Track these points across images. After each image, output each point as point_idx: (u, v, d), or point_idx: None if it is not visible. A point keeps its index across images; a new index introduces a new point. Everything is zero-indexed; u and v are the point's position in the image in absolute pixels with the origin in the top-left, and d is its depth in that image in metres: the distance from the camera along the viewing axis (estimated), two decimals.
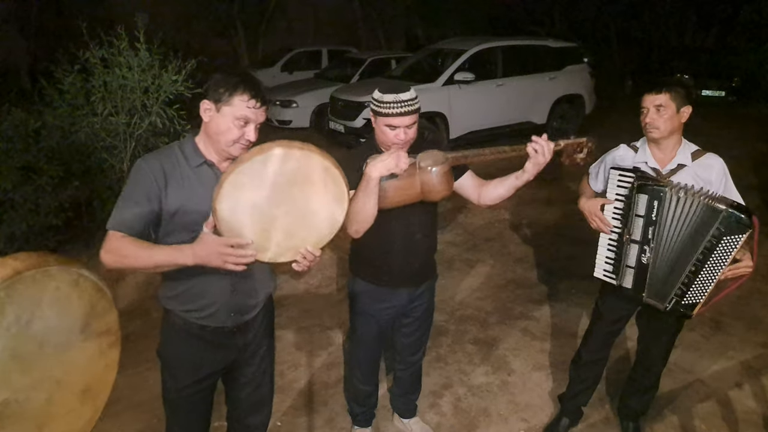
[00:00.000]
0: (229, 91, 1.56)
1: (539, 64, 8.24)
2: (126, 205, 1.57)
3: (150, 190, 1.57)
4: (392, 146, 1.93)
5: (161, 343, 1.83)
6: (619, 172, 2.14)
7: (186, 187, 1.62)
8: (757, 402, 2.82)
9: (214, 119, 1.60)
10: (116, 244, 1.52)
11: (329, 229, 1.57)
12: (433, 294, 2.39)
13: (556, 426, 2.63)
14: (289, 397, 2.94)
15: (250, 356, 1.90)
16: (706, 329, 3.45)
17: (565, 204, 5.79)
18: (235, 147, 1.61)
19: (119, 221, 1.55)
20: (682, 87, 2.12)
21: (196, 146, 1.67)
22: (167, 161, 1.63)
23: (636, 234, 2.09)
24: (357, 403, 2.56)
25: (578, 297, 3.91)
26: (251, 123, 1.59)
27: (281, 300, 3.93)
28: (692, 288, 2.02)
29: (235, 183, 1.41)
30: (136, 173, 1.60)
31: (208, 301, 1.71)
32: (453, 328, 3.58)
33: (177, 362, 1.80)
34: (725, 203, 1.92)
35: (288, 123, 9.47)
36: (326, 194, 1.52)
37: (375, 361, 2.43)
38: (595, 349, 2.48)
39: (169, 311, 1.77)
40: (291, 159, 1.44)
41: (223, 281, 1.71)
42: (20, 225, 3.95)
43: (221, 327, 1.77)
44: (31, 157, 4.07)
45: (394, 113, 1.87)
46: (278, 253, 1.54)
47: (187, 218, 1.61)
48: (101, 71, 4.40)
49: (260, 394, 2.00)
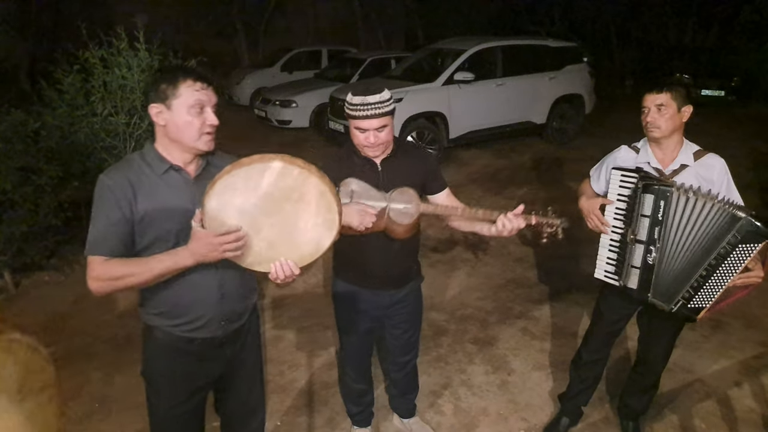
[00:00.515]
0: (171, 84, 1.52)
1: (539, 63, 8.24)
2: (100, 226, 1.51)
3: (121, 206, 1.51)
4: (364, 149, 1.92)
5: (145, 364, 1.75)
6: (621, 173, 2.14)
7: (156, 195, 1.56)
8: (757, 401, 2.82)
9: (169, 120, 1.54)
10: (103, 270, 1.47)
11: (312, 251, 1.54)
12: (420, 295, 2.37)
13: (556, 425, 2.63)
14: (290, 397, 2.94)
15: (239, 366, 1.86)
16: (706, 329, 3.45)
17: (566, 204, 5.77)
18: (202, 139, 1.57)
19: (98, 245, 1.49)
20: (682, 87, 2.12)
21: (158, 153, 1.60)
22: (132, 172, 1.56)
23: (641, 234, 2.08)
24: (352, 403, 2.56)
25: (578, 296, 3.91)
26: (207, 106, 1.55)
27: (281, 300, 3.93)
28: (700, 292, 2.02)
29: (228, 184, 1.41)
30: (102, 191, 1.52)
31: (198, 312, 1.66)
32: (453, 327, 3.58)
33: (165, 381, 1.73)
34: (745, 211, 1.91)
35: (288, 123, 9.46)
36: (317, 217, 1.50)
37: (364, 359, 2.43)
38: (595, 349, 2.48)
39: (153, 327, 1.70)
40: (288, 176, 1.43)
41: (212, 290, 1.67)
42: (20, 225, 3.95)
43: (210, 339, 1.71)
44: (31, 157, 4.06)
45: (361, 116, 1.84)
46: (256, 260, 1.52)
47: (162, 228, 1.56)
48: (101, 71, 4.39)
49: (251, 403, 1.97)
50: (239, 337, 1.81)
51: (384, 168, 1.99)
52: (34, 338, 1.35)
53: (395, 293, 2.23)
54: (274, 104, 9.54)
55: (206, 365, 1.75)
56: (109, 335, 3.54)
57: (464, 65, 7.61)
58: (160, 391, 1.74)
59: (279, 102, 9.49)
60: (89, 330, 3.62)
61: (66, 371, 3.17)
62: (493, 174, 7.17)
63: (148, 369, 1.75)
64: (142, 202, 1.54)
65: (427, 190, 2.13)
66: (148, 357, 1.74)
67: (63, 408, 1.49)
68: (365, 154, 1.96)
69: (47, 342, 3.53)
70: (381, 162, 2.00)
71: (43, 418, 1.40)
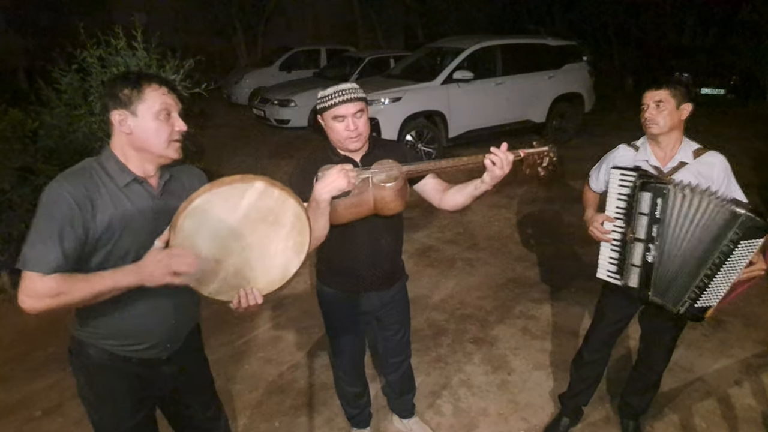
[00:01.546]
0: (135, 89, 1.43)
1: (538, 62, 8.24)
2: (44, 240, 1.34)
3: (73, 220, 1.36)
4: (346, 141, 1.87)
5: (80, 384, 1.61)
6: (620, 172, 2.13)
7: (115, 211, 1.42)
8: (757, 400, 2.82)
9: (135, 127, 1.43)
10: (39, 287, 1.33)
11: (280, 277, 1.51)
12: (407, 294, 2.35)
13: (557, 425, 2.62)
14: (289, 397, 2.93)
15: (185, 384, 1.75)
16: (706, 328, 3.44)
17: (566, 203, 5.79)
18: (171, 146, 1.48)
19: (39, 261, 1.33)
20: (682, 85, 2.12)
21: (120, 163, 1.47)
22: (90, 183, 1.41)
23: (640, 232, 2.08)
24: (349, 405, 2.55)
25: (578, 296, 3.91)
26: (173, 111, 1.49)
27: (281, 301, 3.92)
28: (707, 291, 2.01)
29: (206, 203, 1.35)
30: (53, 201, 1.36)
31: (143, 337, 1.56)
32: (453, 327, 3.57)
33: (102, 400, 1.60)
34: (744, 207, 1.90)
35: (286, 122, 9.46)
36: (288, 241, 1.47)
37: (358, 362, 2.41)
38: (596, 348, 2.47)
39: (84, 343, 1.55)
40: (269, 197, 1.41)
41: (166, 317, 1.58)
42: (18, 225, 3.94)
43: (148, 360, 1.60)
44: (29, 157, 4.05)
45: (337, 102, 1.82)
46: (220, 289, 1.47)
47: (120, 245, 1.44)
48: (99, 71, 4.38)
49: (205, 415, 1.87)
50: (178, 355, 1.68)
51: (363, 164, 1.95)
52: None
53: (385, 293, 2.20)
54: (273, 103, 9.53)
55: (144, 384, 1.64)
56: None
57: (463, 64, 7.61)
58: (99, 411, 1.61)
59: (278, 101, 9.49)
60: None
61: (65, 372, 3.16)
62: None
63: (82, 390, 1.61)
64: (101, 217, 1.40)
65: (412, 180, 2.05)
66: (81, 378, 1.59)
67: None
68: (346, 149, 1.92)
69: (44, 343, 3.54)
70: (361, 159, 1.97)
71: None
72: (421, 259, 4.60)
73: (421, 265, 4.48)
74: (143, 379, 1.63)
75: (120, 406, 1.60)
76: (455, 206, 1.99)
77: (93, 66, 4.36)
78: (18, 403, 2.93)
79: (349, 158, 1.95)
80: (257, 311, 1.52)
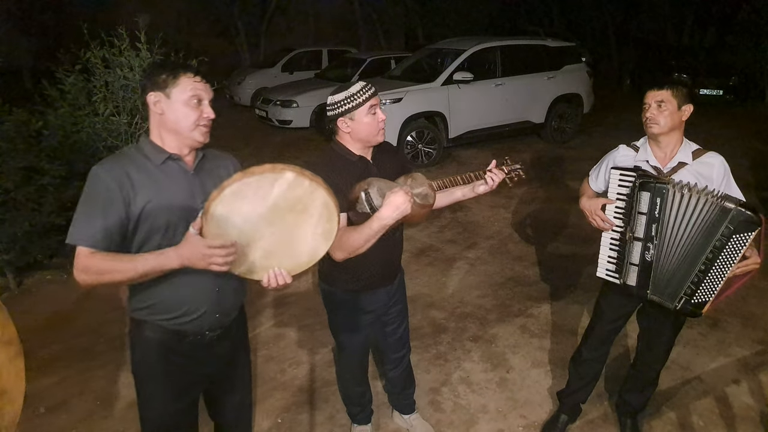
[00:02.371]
0: (171, 74, 1.55)
1: (538, 63, 8.27)
2: (90, 217, 1.47)
3: (115, 199, 1.48)
4: (378, 133, 1.95)
5: (135, 361, 1.71)
6: (620, 172, 2.17)
7: (155, 186, 1.55)
8: (754, 398, 2.84)
9: (167, 109, 1.56)
10: (89, 263, 1.45)
11: (308, 260, 1.58)
12: (405, 288, 2.42)
13: (555, 423, 2.64)
14: (291, 394, 2.97)
15: (228, 365, 1.85)
16: (704, 327, 3.47)
17: (564, 202, 5.81)
18: (198, 130, 1.59)
19: (85, 236, 1.46)
20: (684, 86, 2.15)
21: (155, 144, 1.61)
22: (130, 164, 1.55)
23: (639, 231, 2.11)
24: (352, 404, 2.58)
25: (577, 294, 3.94)
26: (204, 100, 1.59)
27: (283, 298, 3.95)
28: (702, 287, 2.03)
29: (237, 192, 1.40)
30: (96, 182, 1.50)
31: (192, 306, 1.64)
32: (452, 325, 3.60)
33: (155, 379, 1.70)
34: (734, 202, 1.93)
35: (288, 123, 9.49)
36: (317, 228, 1.53)
37: (363, 362, 2.45)
38: (595, 347, 2.49)
39: (142, 323, 1.66)
40: (299, 187, 1.46)
41: (207, 284, 1.65)
42: (22, 225, 3.98)
43: (201, 336, 1.69)
44: (33, 157, 4.09)
45: (370, 95, 1.91)
46: (251, 269, 1.54)
47: (161, 219, 1.54)
48: (102, 71, 4.42)
49: (241, 403, 1.97)
50: (228, 335, 1.79)
51: (375, 164, 2.03)
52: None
53: (390, 287, 2.25)
54: (275, 104, 9.56)
55: (196, 364, 1.73)
56: (111, 334, 3.56)
57: (463, 65, 7.65)
58: (150, 390, 1.72)
59: (280, 102, 9.52)
60: (92, 329, 3.64)
61: (69, 370, 3.20)
62: None
63: (137, 367, 1.72)
64: (142, 194, 1.52)
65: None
66: (137, 355, 1.71)
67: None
68: (369, 144, 1.99)
69: (50, 341, 3.58)
70: (372, 158, 2.03)
71: (14, 372, 1.43)
72: (421, 259, 4.63)
73: (421, 264, 4.51)
74: (194, 359, 1.72)
75: (169, 388, 1.71)
76: (438, 206, 2.13)
77: (97, 66, 4.40)
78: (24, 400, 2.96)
79: (364, 159, 2.01)
80: (284, 287, 1.59)
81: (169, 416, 1.73)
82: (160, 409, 1.72)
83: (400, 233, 2.19)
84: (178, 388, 1.72)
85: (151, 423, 1.75)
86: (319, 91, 9.42)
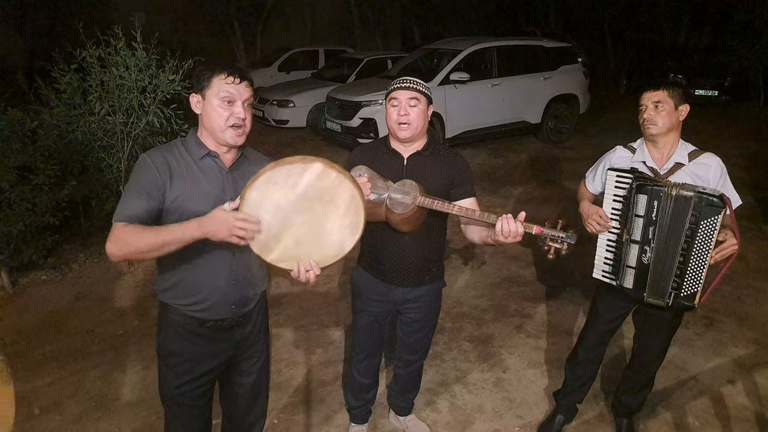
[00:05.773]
0: (208, 76, 1.63)
1: (534, 64, 8.28)
2: (130, 197, 1.60)
3: (153, 184, 1.60)
4: (396, 126, 2.00)
5: (159, 339, 1.84)
6: (616, 174, 2.17)
7: (190, 179, 1.66)
8: (750, 398, 2.86)
9: (203, 109, 1.66)
10: (119, 233, 1.55)
11: (335, 252, 1.62)
12: (437, 299, 2.33)
13: (551, 423, 2.65)
14: (287, 395, 2.96)
15: (247, 350, 1.93)
16: (700, 327, 3.49)
17: (561, 203, 5.82)
18: (229, 132, 1.65)
19: (123, 213, 1.58)
20: (680, 86, 2.16)
21: (198, 140, 1.71)
22: (171, 155, 1.67)
23: (636, 234, 2.12)
24: (354, 396, 2.57)
25: (573, 295, 3.95)
26: (237, 101, 1.64)
27: (279, 298, 3.95)
28: (686, 278, 2.06)
29: (270, 179, 1.50)
30: (140, 167, 1.64)
31: (207, 293, 1.73)
32: (449, 325, 3.60)
33: (176, 358, 1.80)
34: (692, 189, 1.98)
35: (285, 122, 9.47)
36: (344, 220, 1.58)
37: (373, 353, 2.44)
38: (591, 347, 2.50)
39: (166, 306, 1.79)
40: (326, 178, 1.53)
41: (222, 273, 1.74)
42: (17, 224, 3.95)
43: (220, 321, 1.79)
44: (28, 156, 4.06)
45: (396, 87, 2.00)
46: (281, 257, 1.59)
47: (189, 211, 1.62)
48: (98, 71, 4.39)
49: (257, 388, 2.03)
50: (248, 320, 1.89)
51: (409, 163, 2.05)
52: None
53: (409, 291, 2.22)
54: (272, 104, 9.54)
55: (217, 347, 1.83)
56: (106, 334, 3.55)
57: (460, 65, 7.65)
58: (171, 368, 1.82)
59: (276, 102, 9.50)
60: (87, 329, 3.63)
61: (63, 370, 3.18)
62: (488, 173, 7.20)
63: (161, 345, 1.83)
64: (177, 184, 1.63)
65: (451, 195, 2.09)
66: (162, 334, 1.82)
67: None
68: (396, 138, 2.03)
69: (44, 341, 3.56)
70: (408, 157, 2.06)
71: (1, 399, 1.44)
72: None
73: None
74: (215, 342, 1.82)
75: (189, 368, 1.81)
76: (470, 240, 2.10)
77: (92, 66, 4.38)
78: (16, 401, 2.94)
79: (397, 153, 2.06)
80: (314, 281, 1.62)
81: (184, 394, 1.83)
82: (178, 386, 1.82)
83: (414, 237, 2.10)
84: (195, 369, 1.82)
85: (168, 398, 1.86)
86: (316, 90, 9.40)
